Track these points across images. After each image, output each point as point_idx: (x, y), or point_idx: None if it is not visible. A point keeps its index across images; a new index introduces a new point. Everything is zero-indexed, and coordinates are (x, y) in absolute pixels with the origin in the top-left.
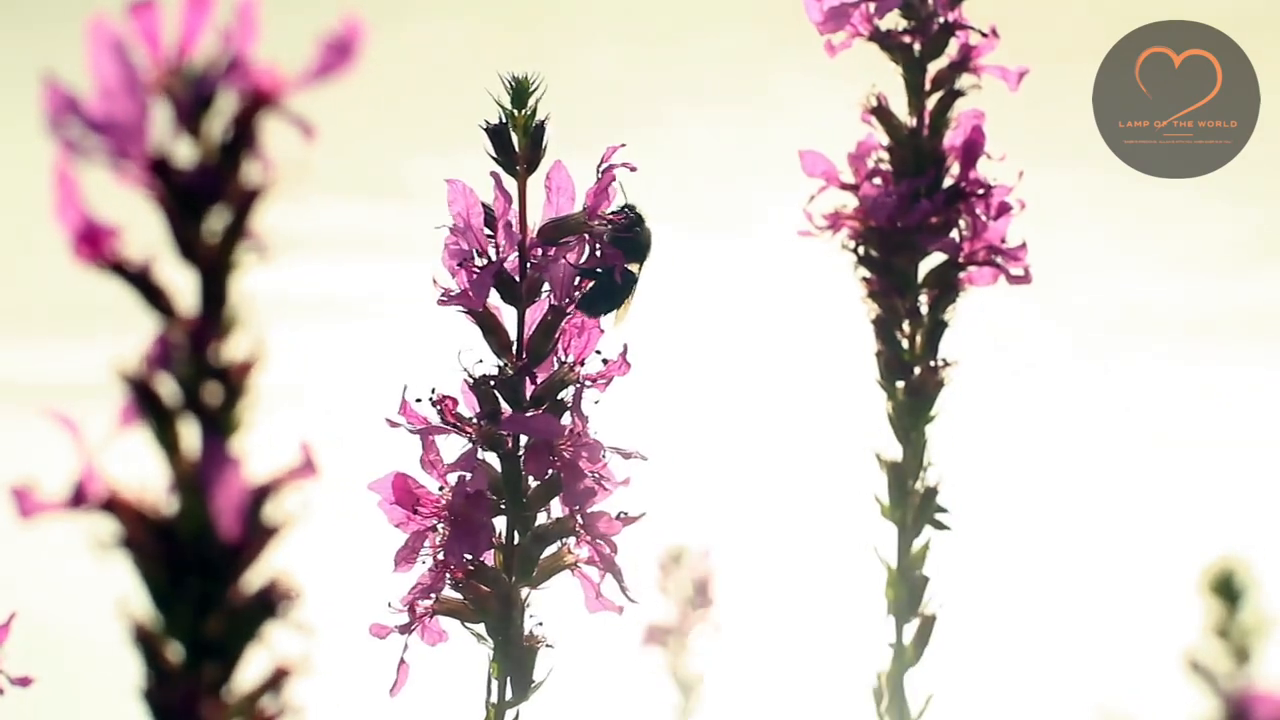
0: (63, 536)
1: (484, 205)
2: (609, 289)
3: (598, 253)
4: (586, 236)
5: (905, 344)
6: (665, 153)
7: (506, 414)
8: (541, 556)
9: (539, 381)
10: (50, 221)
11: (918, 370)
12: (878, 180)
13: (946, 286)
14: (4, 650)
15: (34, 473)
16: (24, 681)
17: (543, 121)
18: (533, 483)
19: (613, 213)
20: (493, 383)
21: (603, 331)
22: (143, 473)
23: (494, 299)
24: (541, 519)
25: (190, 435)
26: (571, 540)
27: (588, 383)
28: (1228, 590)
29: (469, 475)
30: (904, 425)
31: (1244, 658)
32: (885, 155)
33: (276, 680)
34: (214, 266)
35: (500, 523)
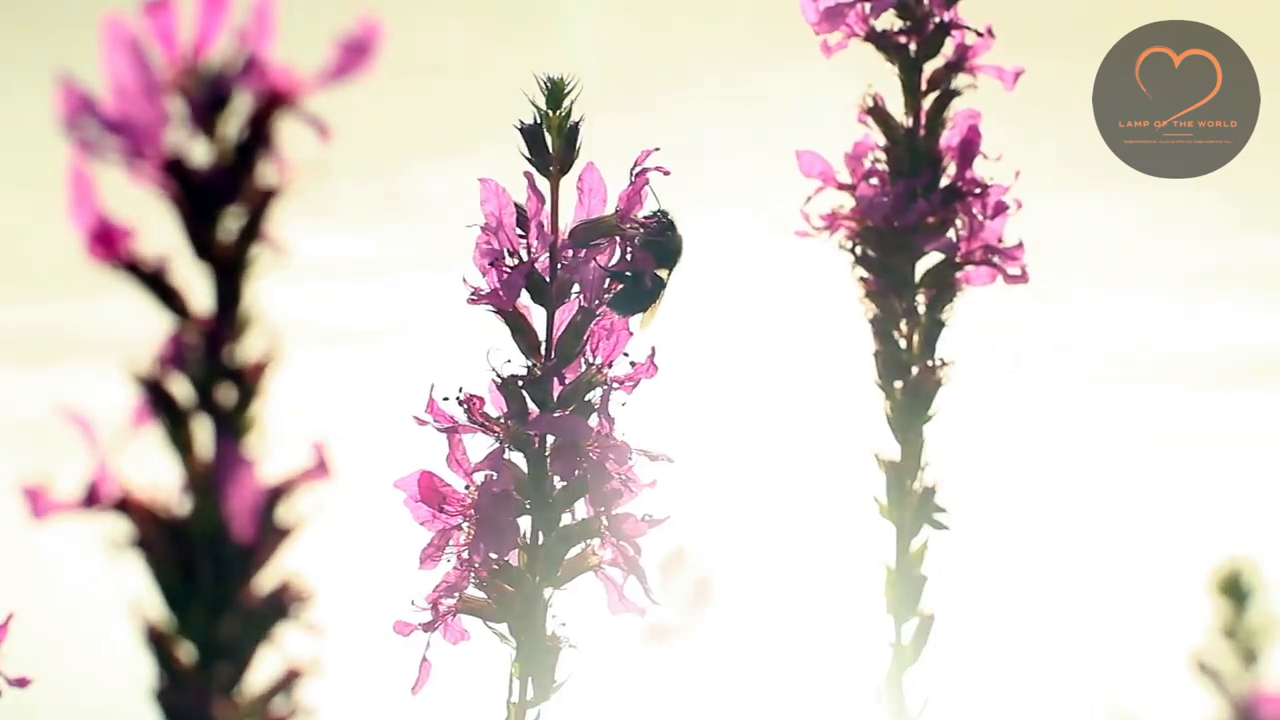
0: (75, 537)
1: (516, 205)
2: (639, 292)
3: (629, 256)
4: (618, 239)
5: (903, 344)
6: (661, 153)
7: (534, 414)
8: (566, 557)
9: (567, 382)
10: (65, 221)
11: (915, 370)
12: (874, 180)
13: (944, 286)
14: (2, 650)
15: (47, 472)
16: (22, 682)
17: (577, 123)
18: (559, 483)
19: (645, 216)
20: (521, 382)
21: (631, 334)
22: (156, 473)
23: (524, 299)
24: (566, 520)
25: (204, 436)
26: (596, 541)
27: (615, 385)
28: (1236, 591)
29: (495, 474)
30: (902, 425)
31: (1252, 658)
32: (882, 155)
33: (288, 681)
34: (229, 267)
35: (525, 523)
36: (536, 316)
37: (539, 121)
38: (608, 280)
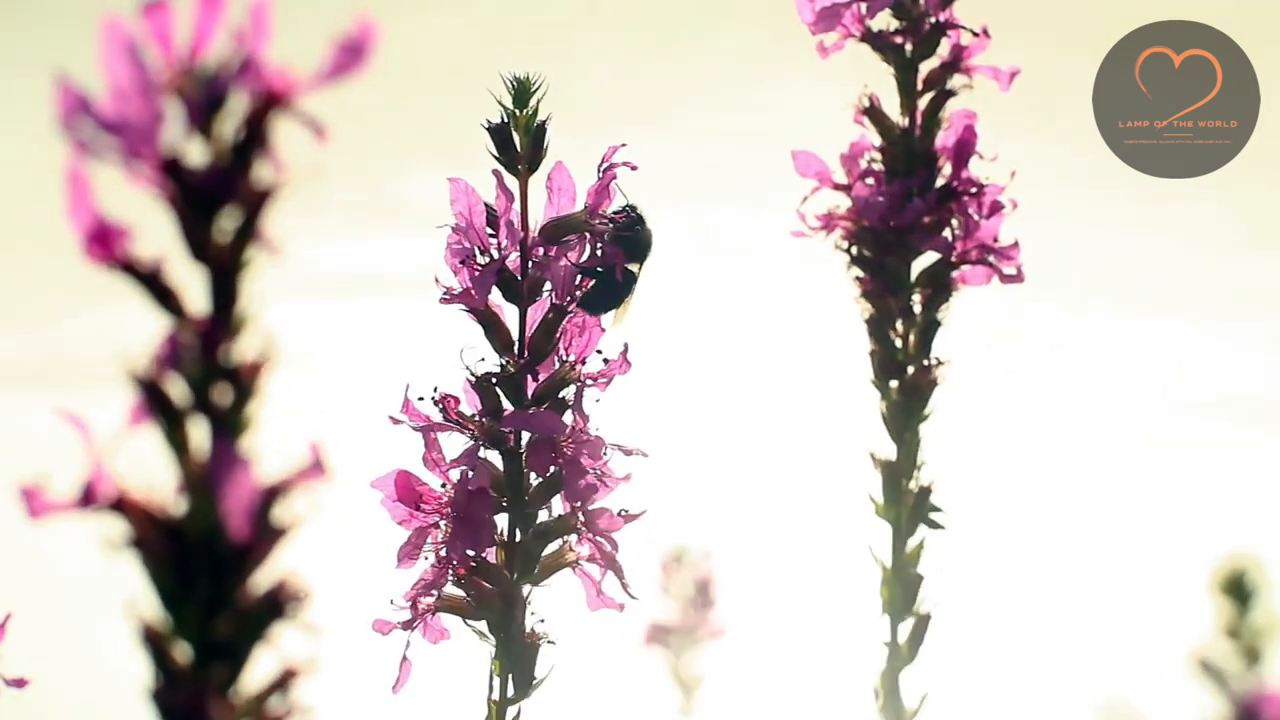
0: (71, 536)
1: (486, 204)
2: (609, 288)
3: (598, 252)
4: (587, 235)
5: (899, 343)
6: (657, 154)
7: (508, 411)
8: (543, 554)
9: (540, 380)
10: (62, 221)
11: (911, 369)
12: (870, 180)
13: (939, 286)
14: (0, 651)
15: (43, 471)
16: (20, 683)
17: (544, 122)
18: (534, 480)
19: (614, 212)
20: (495, 380)
21: (603, 330)
22: (152, 473)
23: (496, 297)
24: (543, 516)
25: (200, 435)
26: (573, 538)
27: (588, 381)
28: (1238, 590)
29: (471, 472)
30: (898, 424)
31: (1254, 658)
32: (878, 155)
33: (284, 681)
34: (225, 267)
35: (502, 521)
36: (509, 315)
37: (506, 121)
38: (579, 277)
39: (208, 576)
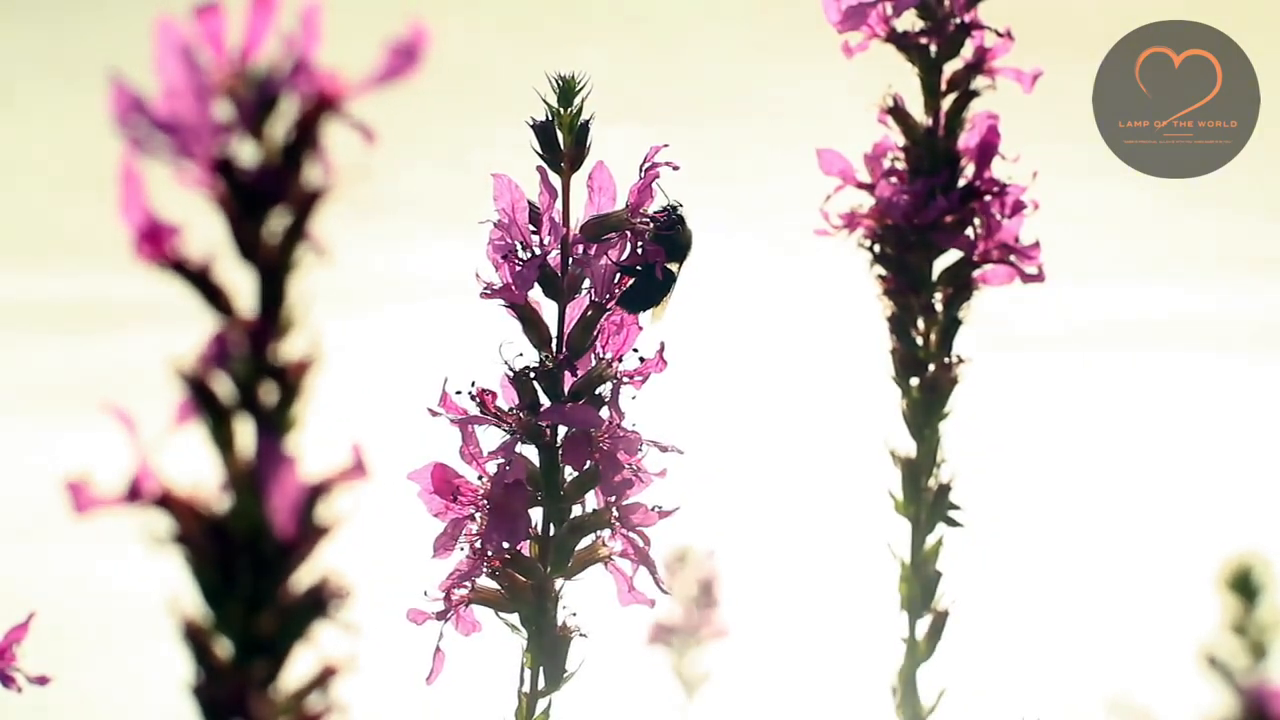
0: (115, 532)
1: (529, 201)
2: (649, 286)
3: (639, 250)
4: (628, 234)
5: (920, 341)
6: (680, 151)
7: (546, 405)
8: (577, 548)
9: (578, 376)
10: (113, 218)
11: (932, 367)
12: (894, 179)
13: (961, 284)
14: (23, 648)
15: (89, 467)
16: (42, 680)
17: (587, 121)
18: (570, 474)
19: (655, 211)
20: (533, 374)
21: (641, 329)
22: (197, 470)
23: (535, 293)
24: (577, 511)
25: (245, 434)
26: (606, 533)
27: (625, 379)
28: (1245, 586)
29: (508, 465)
30: (918, 422)
31: (1261, 653)
32: (901, 155)
33: (324, 678)
34: (273, 267)
35: (536, 515)
36: (548, 311)
37: (550, 119)
38: (618, 275)
39: (251, 573)
